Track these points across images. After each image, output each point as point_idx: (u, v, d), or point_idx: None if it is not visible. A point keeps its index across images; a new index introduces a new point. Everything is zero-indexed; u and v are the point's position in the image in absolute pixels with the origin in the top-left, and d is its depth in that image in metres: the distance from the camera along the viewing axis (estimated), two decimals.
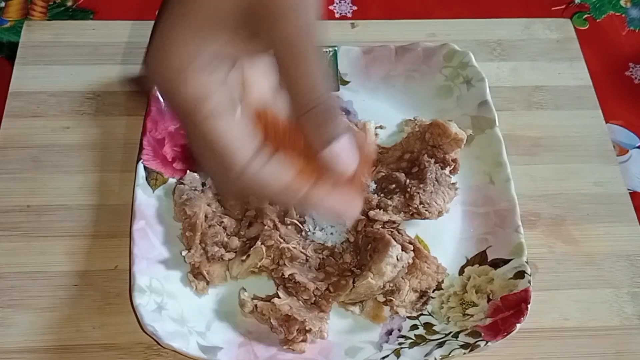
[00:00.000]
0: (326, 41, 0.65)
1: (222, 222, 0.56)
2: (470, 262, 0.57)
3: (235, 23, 0.39)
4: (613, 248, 0.59)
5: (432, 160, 0.58)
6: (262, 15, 0.39)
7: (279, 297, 0.52)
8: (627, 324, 0.55)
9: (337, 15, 0.74)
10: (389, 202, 0.56)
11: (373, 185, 0.58)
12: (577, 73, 0.69)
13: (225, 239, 0.55)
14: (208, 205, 0.56)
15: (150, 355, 0.52)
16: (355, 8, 0.75)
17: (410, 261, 0.54)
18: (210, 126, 0.39)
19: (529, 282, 0.53)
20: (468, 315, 0.54)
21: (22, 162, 0.61)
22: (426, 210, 0.56)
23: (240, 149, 0.40)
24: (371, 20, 0.72)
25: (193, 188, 0.57)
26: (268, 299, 0.53)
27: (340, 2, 0.75)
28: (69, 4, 0.74)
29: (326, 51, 0.65)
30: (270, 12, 0.38)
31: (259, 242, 0.54)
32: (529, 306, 0.52)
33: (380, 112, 0.64)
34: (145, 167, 0.58)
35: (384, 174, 0.59)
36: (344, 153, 0.41)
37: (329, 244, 0.56)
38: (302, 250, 0.54)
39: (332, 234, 0.56)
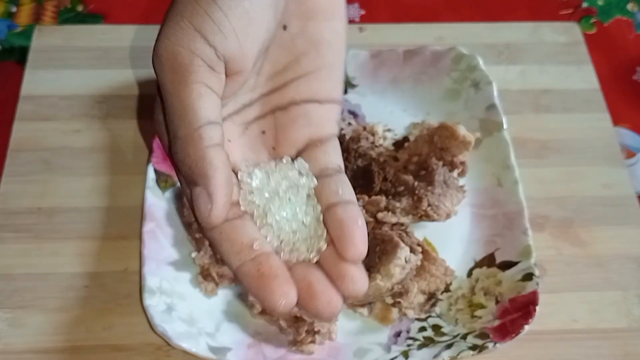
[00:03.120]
0: None
1: None
2: (478, 265, 0.57)
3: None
4: (621, 250, 0.59)
5: (440, 163, 0.58)
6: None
7: None
8: (636, 326, 0.55)
9: None
10: (397, 204, 0.56)
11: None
12: (585, 76, 0.69)
13: None
14: None
15: (160, 356, 0.52)
16: (363, 12, 0.76)
17: (419, 263, 0.54)
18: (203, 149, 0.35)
19: (537, 284, 0.53)
20: (476, 317, 0.54)
21: (33, 165, 0.61)
22: (434, 212, 0.56)
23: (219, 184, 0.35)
24: (379, 24, 0.72)
25: None
26: None
27: (348, 6, 0.75)
28: (80, 9, 0.75)
29: None
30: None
31: None
32: (537, 308, 0.52)
33: (388, 115, 0.65)
34: (155, 170, 0.58)
35: (392, 177, 0.59)
36: (196, 202, 0.35)
37: None
38: None
39: None
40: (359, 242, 0.36)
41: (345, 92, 0.66)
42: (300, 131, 0.39)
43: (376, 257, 0.54)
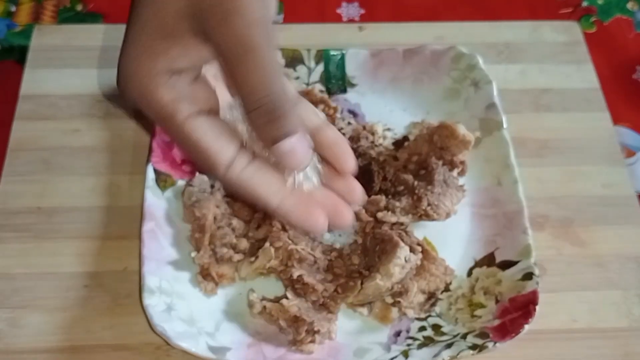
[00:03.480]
0: (334, 44, 0.67)
1: (231, 223, 0.56)
2: (478, 264, 0.57)
3: (185, 31, 0.39)
4: (621, 250, 0.59)
5: (440, 162, 0.58)
6: (211, 13, 0.38)
7: (287, 298, 0.52)
8: (636, 325, 0.55)
9: (344, 19, 0.75)
10: (397, 203, 0.56)
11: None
12: (585, 76, 0.69)
13: (234, 240, 0.55)
14: (217, 207, 0.57)
15: (159, 356, 0.52)
16: (363, 11, 0.76)
17: (418, 263, 0.54)
18: (190, 129, 0.40)
19: (537, 283, 0.53)
20: (476, 316, 0.54)
21: (33, 165, 0.61)
22: (434, 212, 0.56)
23: (221, 150, 0.41)
24: (379, 23, 0.72)
25: (202, 190, 0.58)
26: (276, 300, 0.53)
27: (348, 5, 0.76)
28: (79, 8, 0.75)
29: (334, 54, 0.66)
30: (220, 9, 0.38)
31: (267, 243, 0.54)
32: (536, 307, 0.52)
33: (388, 115, 0.65)
34: (154, 169, 0.58)
35: (392, 176, 0.59)
36: (294, 150, 0.40)
37: (337, 246, 0.56)
38: (311, 252, 0.55)
39: (340, 235, 0.56)
40: (352, 157, 0.45)
41: (345, 91, 0.66)
42: None
43: (376, 257, 0.54)
